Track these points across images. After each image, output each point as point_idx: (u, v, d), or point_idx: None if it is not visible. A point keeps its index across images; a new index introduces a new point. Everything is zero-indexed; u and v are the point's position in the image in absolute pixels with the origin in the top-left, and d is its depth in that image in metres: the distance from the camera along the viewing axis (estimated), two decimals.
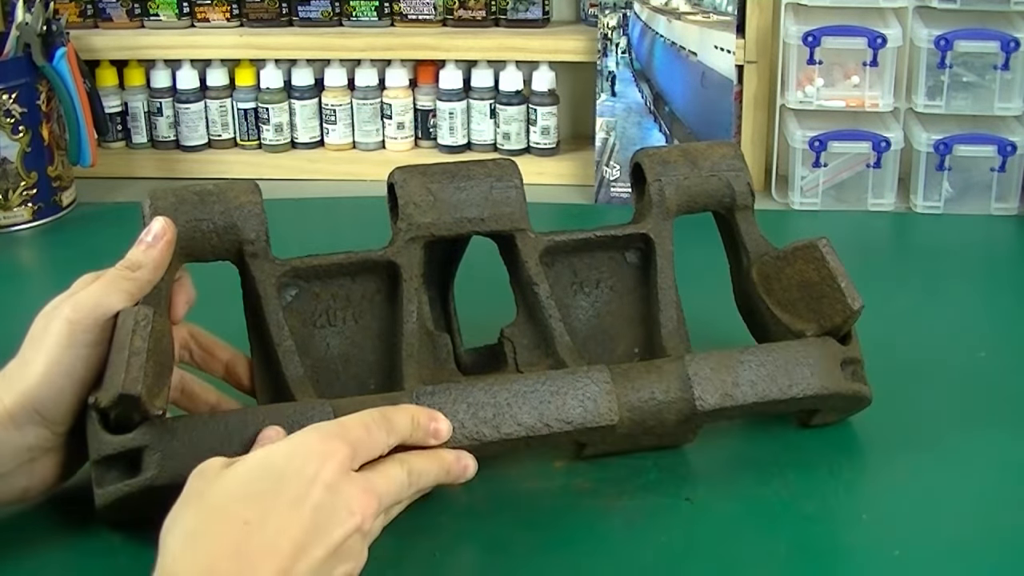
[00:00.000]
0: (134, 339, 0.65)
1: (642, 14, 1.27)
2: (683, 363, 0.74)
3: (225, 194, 0.73)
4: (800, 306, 0.79)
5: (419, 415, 0.67)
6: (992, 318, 0.99)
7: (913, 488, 0.75)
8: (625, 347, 0.83)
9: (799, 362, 0.76)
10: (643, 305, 0.83)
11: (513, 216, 0.78)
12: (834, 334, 0.78)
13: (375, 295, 0.79)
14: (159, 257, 0.70)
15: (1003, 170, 1.22)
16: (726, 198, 0.83)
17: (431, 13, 1.36)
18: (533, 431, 0.71)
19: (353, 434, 0.62)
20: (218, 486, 0.59)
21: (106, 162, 1.35)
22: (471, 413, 0.70)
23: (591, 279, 0.83)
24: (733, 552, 0.69)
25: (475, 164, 0.80)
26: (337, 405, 0.69)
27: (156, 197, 0.70)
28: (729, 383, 0.74)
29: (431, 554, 0.68)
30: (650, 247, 0.82)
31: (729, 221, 0.84)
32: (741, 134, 1.30)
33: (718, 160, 0.83)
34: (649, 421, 0.74)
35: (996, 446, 0.80)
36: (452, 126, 1.37)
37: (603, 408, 0.72)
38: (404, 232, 0.77)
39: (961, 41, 1.19)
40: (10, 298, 1.07)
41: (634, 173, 0.84)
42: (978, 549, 0.69)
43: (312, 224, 1.24)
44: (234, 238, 0.71)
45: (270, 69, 1.37)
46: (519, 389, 0.72)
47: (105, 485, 0.67)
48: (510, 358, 0.80)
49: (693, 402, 0.73)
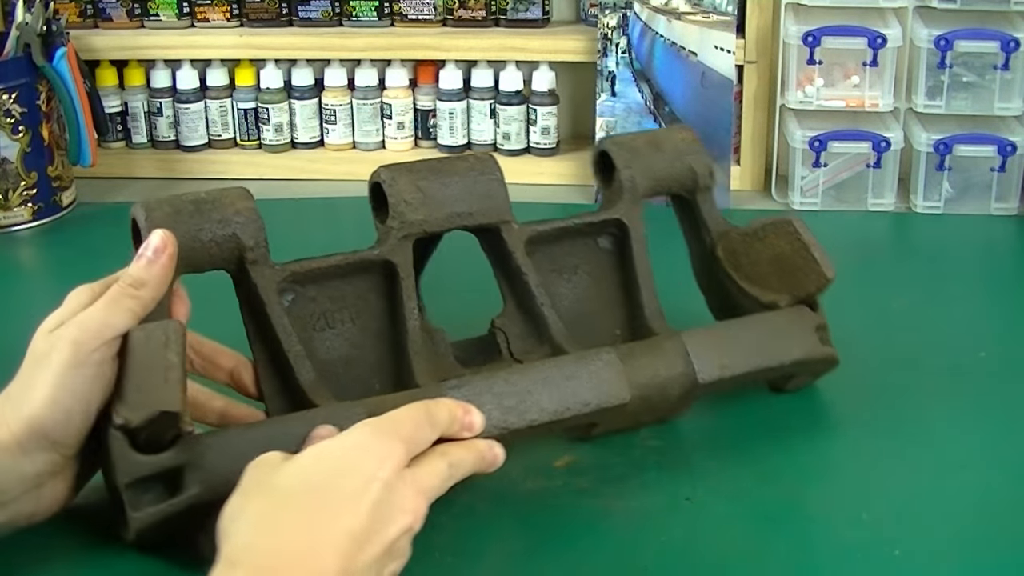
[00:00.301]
0: (168, 354, 0.65)
1: (642, 14, 1.27)
2: (680, 339, 0.78)
3: (220, 202, 0.72)
4: (771, 279, 0.83)
5: (455, 409, 0.68)
6: (992, 318, 0.99)
7: (913, 488, 0.75)
8: (607, 329, 0.85)
9: (783, 331, 0.81)
10: (619, 288, 0.85)
11: (499, 208, 0.80)
12: (805, 303, 0.83)
13: (368, 295, 0.79)
14: (162, 273, 0.69)
15: (1003, 170, 1.22)
16: (688, 181, 0.86)
17: (431, 13, 1.36)
18: (556, 415, 0.74)
19: (405, 431, 0.63)
20: (281, 477, 0.60)
21: (106, 162, 1.35)
22: (496, 403, 0.72)
23: (569, 266, 0.85)
24: (733, 552, 0.69)
25: (456, 159, 0.81)
26: (368, 406, 0.70)
27: (151, 208, 0.69)
28: (725, 355, 0.78)
29: (431, 554, 0.68)
30: (624, 232, 0.84)
31: (691, 202, 0.87)
32: (741, 134, 1.30)
33: (679, 144, 0.86)
34: (655, 397, 0.77)
35: (996, 446, 0.80)
36: (452, 126, 1.37)
37: (616, 388, 0.75)
38: (397, 230, 0.77)
39: (961, 41, 1.19)
40: (10, 298, 1.07)
41: (599, 161, 0.86)
42: (978, 549, 0.69)
43: (312, 224, 1.24)
44: (234, 246, 0.71)
45: (270, 69, 1.37)
46: (537, 376, 0.74)
47: (142, 508, 0.66)
48: (504, 347, 0.81)
49: (694, 376, 0.77)
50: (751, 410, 0.84)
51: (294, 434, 0.67)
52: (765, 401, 0.85)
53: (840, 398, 0.85)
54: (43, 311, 0.69)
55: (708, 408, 0.83)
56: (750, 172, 1.31)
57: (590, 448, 0.79)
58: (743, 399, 0.85)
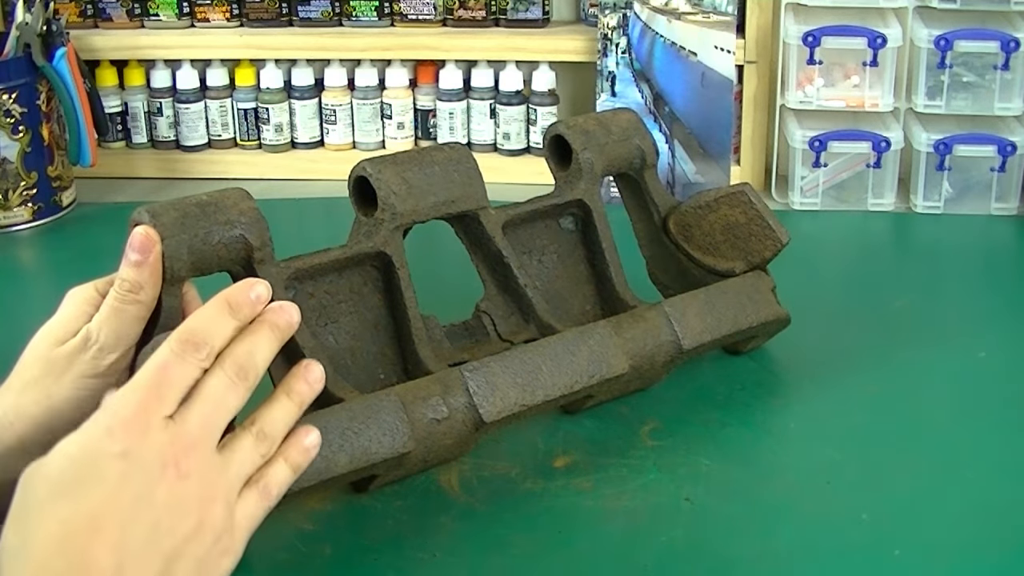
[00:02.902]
0: None
1: (642, 14, 1.27)
2: (663, 309, 0.83)
3: (223, 203, 0.72)
4: (724, 247, 0.89)
5: (231, 295, 0.62)
6: (992, 318, 0.99)
7: (913, 488, 0.75)
8: (579, 306, 0.89)
9: (749, 296, 0.86)
10: (585, 265, 0.89)
11: (478, 195, 0.82)
12: (760, 267, 0.88)
13: (363, 288, 0.79)
14: (157, 270, 0.67)
15: (1003, 170, 1.22)
16: (636, 159, 0.89)
17: (431, 13, 1.36)
18: (566, 389, 0.77)
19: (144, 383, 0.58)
20: (29, 494, 0.55)
21: (106, 162, 1.35)
22: (512, 382, 0.75)
23: (538, 247, 0.88)
24: (733, 552, 0.69)
25: (433, 150, 0.82)
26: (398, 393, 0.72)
27: (157, 213, 0.68)
28: (702, 322, 0.84)
29: (432, 555, 0.69)
30: (586, 212, 0.88)
31: (637, 180, 0.91)
32: (741, 134, 1.30)
33: (626, 125, 0.90)
34: (644, 365, 0.81)
35: (996, 446, 0.79)
36: (452, 126, 1.37)
37: (614, 360, 0.79)
38: (388, 222, 0.78)
39: (961, 41, 1.19)
40: (10, 298, 1.07)
41: (552, 145, 0.89)
42: (978, 549, 0.69)
43: (312, 224, 1.24)
44: (241, 247, 0.71)
45: (270, 69, 1.37)
46: (545, 354, 0.77)
47: None
48: (491, 329, 0.84)
49: (679, 343, 0.82)
50: (752, 411, 0.84)
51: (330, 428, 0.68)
52: (766, 404, 0.85)
53: (839, 398, 0.85)
54: (43, 311, 0.69)
55: (708, 408, 0.83)
56: (750, 172, 1.31)
57: (590, 448, 0.79)
58: (744, 399, 0.85)
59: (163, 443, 0.56)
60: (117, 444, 0.55)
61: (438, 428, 0.72)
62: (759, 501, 0.74)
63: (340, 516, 0.72)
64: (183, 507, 0.56)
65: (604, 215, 0.88)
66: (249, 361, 0.61)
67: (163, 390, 0.58)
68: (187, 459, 0.57)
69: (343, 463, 0.68)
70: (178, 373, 0.58)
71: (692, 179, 1.28)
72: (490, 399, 0.74)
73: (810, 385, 0.87)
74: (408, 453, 0.71)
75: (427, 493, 0.74)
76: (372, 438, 0.69)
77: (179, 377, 0.58)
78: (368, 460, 0.69)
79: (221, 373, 0.60)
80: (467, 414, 0.73)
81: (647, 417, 0.82)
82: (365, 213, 0.79)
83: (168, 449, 0.56)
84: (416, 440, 0.71)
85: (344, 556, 0.69)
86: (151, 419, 0.57)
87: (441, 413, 0.72)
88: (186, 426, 0.57)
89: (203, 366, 0.60)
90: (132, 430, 0.56)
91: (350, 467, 0.68)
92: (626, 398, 0.83)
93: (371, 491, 0.74)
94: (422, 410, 0.72)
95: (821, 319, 0.96)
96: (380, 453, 0.69)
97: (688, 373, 0.87)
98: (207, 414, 0.58)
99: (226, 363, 0.60)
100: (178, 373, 0.58)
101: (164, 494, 0.56)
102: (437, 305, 0.83)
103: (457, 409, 0.73)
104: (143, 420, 0.57)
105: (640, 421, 0.82)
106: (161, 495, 0.55)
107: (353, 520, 0.72)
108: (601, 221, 0.88)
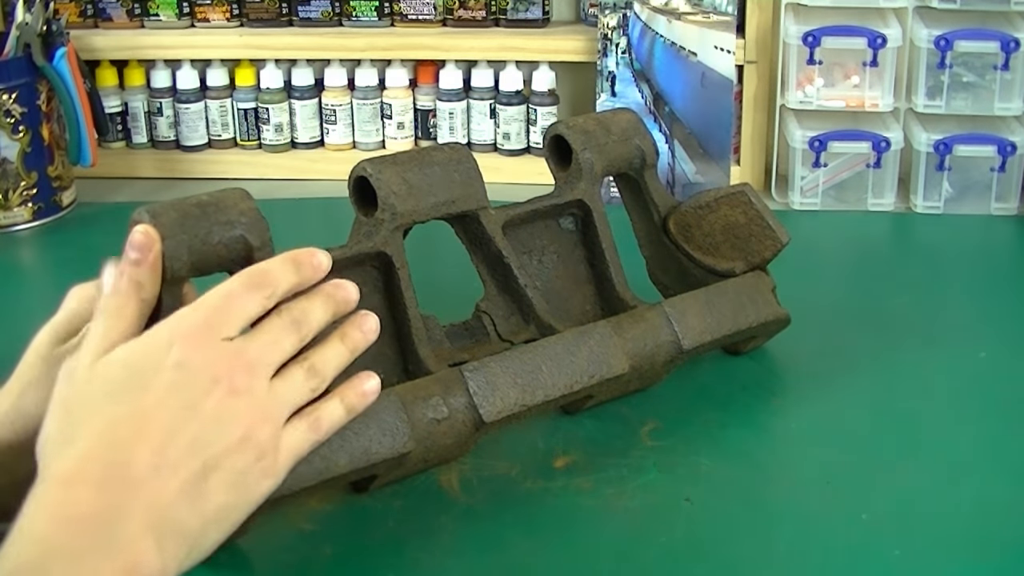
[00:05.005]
0: None
1: (642, 14, 1.27)
2: (663, 309, 0.83)
3: (223, 203, 0.72)
4: (724, 248, 0.88)
5: (297, 255, 0.65)
6: (992, 318, 0.99)
7: (913, 488, 0.75)
8: (579, 306, 0.89)
9: (749, 295, 0.86)
10: (584, 265, 0.89)
11: (478, 195, 0.81)
12: (760, 268, 0.88)
13: (362, 288, 0.79)
14: (156, 268, 0.67)
15: (1003, 170, 1.22)
16: (636, 160, 0.89)
17: (431, 13, 1.36)
18: (566, 389, 0.77)
19: (208, 304, 0.61)
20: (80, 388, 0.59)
21: (106, 162, 1.35)
22: (513, 382, 0.75)
23: (537, 247, 0.88)
24: (733, 552, 0.69)
25: (433, 150, 0.82)
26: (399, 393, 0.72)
27: (157, 214, 0.68)
28: (703, 322, 0.83)
29: (432, 555, 0.69)
30: (586, 212, 0.87)
31: (637, 180, 0.90)
32: (741, 134, 1.30)
33: (626, 126, 0.90)
34: (644, 365, 0.81)
35: (997, 446, 0.80)
36: (452, 126, 1.37)
37: (614, 360, 0.79)
38: (389, 222, 0.78)
39: (961, 41, 1.19)
40: (10, 298, 1.07)
41: (552, 145, 0.89)
42: (978, 549, 0.69)
43: (312, 224, 1.24)
44: (242, 247, 0.71)
45: (270, 69, 1.37)
46: (544, 354, 0.77)
47: None
48: (491, 330, 0.84)
49: (679, 343, 0.82)
50: (752, 411, 0.84)
51: None
52: (766, 404, 0.85)
53: (839, 398, 0.85)
54: (43, 311, 0.69)
55: (708, 408, 0.83)
56: (750, 172, 1.31)
57: (590, 448, 0.79)
58: (744, 399, 0.85)
59: (218, 358, 0.59)
60: (174, 355, 0.58)
61: (438, 428, 0.72)
62: (759, 501, 0.74)
63: (340, 516, 0.72)
64: (229, 420, 0.58)
65: (604, 215, 0.88)
66: (304, 317, 0.64)
67: (226, 315, 0.61)
68: (239, 377, 0.59)
69: (343, 463, 0.68)
70: (241, 304, 0.61)
71: (692, 179, 1.28)
72: (490, 399, 0.74)
73: (810, 385, 0.87)
74: (408, 453, 0.71)
75: (427, 493, 0.74)
76: (372, 438, 0.69)
77: (242, 307, 0.61)
78: (368, 460, 0.69)
79: (278, 318, 0.63)
80: (467, 414, 0.73)
81: (647, 417, 0.82)
82: (365, 213, 0.79)
83: (222, 364, 0.59)
84: (416, 440, 0.71)
85: (344, 556, 0.69)
86: (212, 337, 0.60)
87: (441, 413, 0.72)
88: (243, 349, 0.60)
89: (266, 305, 0.62)
90: (191, 344, 0.59)
91: (350, 467, 0.68)
92: (626, 398, 0.83)
93: (371, 491, 0.74)
94: (422, 410, 0.72)
95: (821, 319, 0.96)
96: (380, 453, 0.69)
97: (688, 373, 0.87)
98: (264, 345, 0.61)
99: (283, 312, 0.63)
100: (241, 304, 0.61)
101: (212, 406, 0.58)
102: (437, 305, 0.83)
103: (457, 409, 0.73)
104: (204, 336, 0.59)
105: (640, 421, 0.82)
106: (209, 407, 0.58)
107: (353, 520, 0.72)
108: (601, 221, 0.88)
